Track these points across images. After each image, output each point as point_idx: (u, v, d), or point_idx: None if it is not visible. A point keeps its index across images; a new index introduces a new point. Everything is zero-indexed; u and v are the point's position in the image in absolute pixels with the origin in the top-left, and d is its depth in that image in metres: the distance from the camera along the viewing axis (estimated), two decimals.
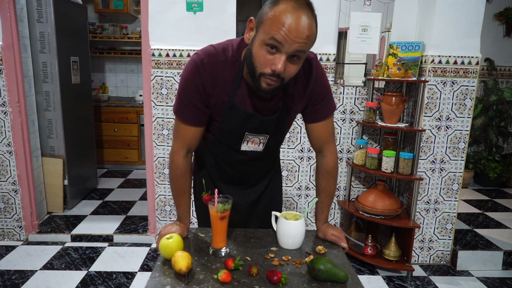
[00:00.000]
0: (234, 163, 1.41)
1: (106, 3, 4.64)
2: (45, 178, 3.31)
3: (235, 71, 1.20)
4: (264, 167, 1.50)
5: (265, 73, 1.07)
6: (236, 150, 1.35)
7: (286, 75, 1.08)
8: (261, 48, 1.05)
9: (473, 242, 2.90)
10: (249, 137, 1.31)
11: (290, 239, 1.32)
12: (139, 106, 4.64)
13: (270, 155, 1.45)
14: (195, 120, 1.27)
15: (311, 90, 1.29)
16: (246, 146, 1.34)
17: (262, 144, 1.35)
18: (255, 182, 1.52)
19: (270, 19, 1.03)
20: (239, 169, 1.43)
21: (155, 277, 1.13)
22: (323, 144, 1.40)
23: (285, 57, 1.04)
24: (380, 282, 2.58)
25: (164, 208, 2.96)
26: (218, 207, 1.22)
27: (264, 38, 1.04)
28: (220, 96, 1.22)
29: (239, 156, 1.37)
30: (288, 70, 1.07)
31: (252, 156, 1.38)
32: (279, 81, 1.08)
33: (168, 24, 2.68)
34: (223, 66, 1.20)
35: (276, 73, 1.05)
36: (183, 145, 1.32)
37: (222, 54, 1.20)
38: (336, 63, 2.73)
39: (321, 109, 1.34)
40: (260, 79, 1.09)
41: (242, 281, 1.11)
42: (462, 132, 2.64)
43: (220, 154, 1.40)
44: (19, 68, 2.84)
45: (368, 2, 2.63)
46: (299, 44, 1.02)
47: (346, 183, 2.89)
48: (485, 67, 4.45)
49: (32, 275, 2.54)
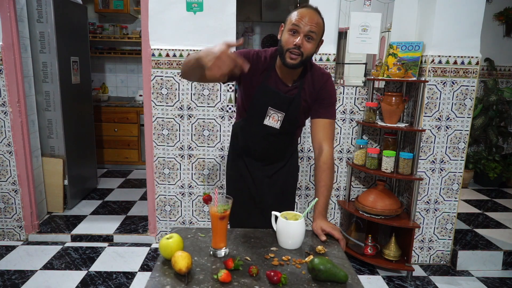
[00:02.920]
0: (258, 137, 1.73)
1: (106, 3, 4.64)
2: (45, 178, 3.31)
3: (270, 63, 1.64)
4: (281, 146, 1.78)
5: (289, 48, 1.49)
6: (260, 124, 1.69)
7: (304, 50, 1.49)
8: (286, 34, 1.51)
9: (473, 242, 2.91)
10: (271, 112, 1.66)
11: (290, 239, 1.32)
12: (139, 106, 4.64)
13: (285, 135, 1.74)
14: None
15: (321, 90, 1.66)
16: (268, 121, 1.68)
17: (279, 122, 1.67)
18: (274, 160, 1.81)
19: (291, 17, 1.51)
20: (260, 143, 1.74)
21: (155, 277, 1.13)
22: (323, 140, 1.65)
23: (302, 35, 1.47)
24: (380, 282, 2.58)
25: (164, 208, 2.97)
26: (218, 207, 1.23)
27: (288, 27, 1.50)
28: (257, 78, 1.63)
29: (261, 129, 1.69)
30: (305, 46, 1.49)
31: (271, 131, 1.69)
32: (300, 54, 1.48)
33: (168, 24, 2.68)
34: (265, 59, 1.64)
35: (297, 46, 1.47)
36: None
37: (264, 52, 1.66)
38: (336, 63, 2.73)
39: (327, 109, 1.67)
40: (286, 54, 1.50)
41: (242, 281, 1.11)
42: (462, 132, 2.64)
43: (248, 129, 1.74)
44: (19, 68, 2.84)
45: (368, 2, 2.63)
46: (311, 26, 1.47)
47: (346, 183, 2.90)
48: (485, 67, 4.45)
49: (32, 275, 2.54)
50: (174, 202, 2.95)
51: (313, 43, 1.50)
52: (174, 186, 2.92)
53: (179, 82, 2.75)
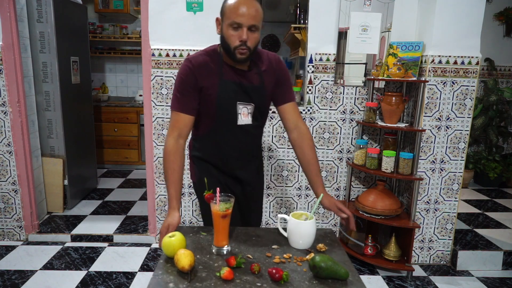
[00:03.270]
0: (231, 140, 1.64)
1: (106, 3, 4.65)
2: (45, 178, 3.31)
3: (216, 59, 1.56)
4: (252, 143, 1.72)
5: (236, 46, 1.45)
6: (234, 125, 1.60)
7: (251, 43, 1.45)
8: (228, 30, 1.45)
9: (473, 242, 2.91)
10: (240, 107, 1.58)
11: (301, 239, 1.33)
12: (139, 106, 4.64)
13: (256, 130, 1.70)
14: (186, 108, 1.54)
15: (277, 69, 1.64)
16: (241, 120, 1.60)
17: (250, 115, 1.62)
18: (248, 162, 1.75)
19: (229, 9, 1.44)
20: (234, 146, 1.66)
21: (158, 275, 1.13)
22: (296, 120, 1.68)
23: (246, 29, 1.43)
24: (380, 282, 2.58)
25: (164, 208, 2.96)
26: (220, 205, 1.23)
27: (228, 22, 1.43)
28: (210, 79, 1.54)
29: (235, 130, 1.61)
30: (251, 39, 1.45)
31: (246, 130, 1.63)
32: (247, 49, 1.45)
33: (168, 24, 2.68)
34: (205, 58, 1.56)
35: (244, 42, 1.43)
36: (173, 130, 1.55)
37: (202, 52, 1.58)
38: (336, 63, 2.73)
39: (288, 91, 1.67)
40: (235, 52, 1.46)
41: (244, 279, 1.11)
42: (462, 132, 2.64)
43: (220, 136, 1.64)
44: (19, 68, 2.84)
45: (368, 2, 2.63)
46: (253, 18, 1.42)
47: (346, 183, 2.90)
48: (485, 67, 4.46)
49: (32, 275, 2.53)
50: None
51: (257, 32, 1.47)
52: None
53: None
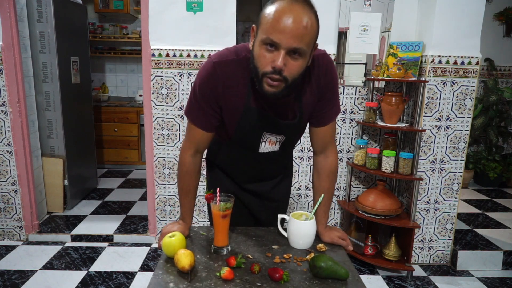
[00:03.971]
0: (250, 163, 1.42)
1: (106, 3, 4.65)
2: (45, 178, 3.31)
3: (247, 72, 1.17)
4: (278, 166, 1.52)
5: (266, 72, 1.06)
6: (254, 151, 1.34)
7: (289, 73, 1.05)
8: (261, 48, 1.06)
9: (473, 242, 2.91)
10: (267, 136, 1.30)
11: (302, 239, 1.32)
12: (139, 106, 4.64)
13: (285, 154, 1.47)
14: (205, 125, 1.28)
15: (323, 84, 1.26)
16: (264, 148, 1.33)
17: (278, 143, 1.35)
18: (267, 179, 1.54)
19: (266, 19, 1.04)
20: (253, 168, 1.45)
21: (158, 274, 1.13)
22: (326, 145, 1.41)
23: (284, 52, 1.02)
24: (380, 282, 2.58)
25: (164, 208, 2.96)
26: (220, 205, 1.23)
27: (262, 37, 1.04)
28: (234, 97, 1.21)
29: (254, 156, 1.37)
30: (290, 67, 1.05)
31: (268, 157, 1.38)
32: (282, 80, 1.06)
33: (168, 24, 2.68)
34: (235, 66, 1.18)
35: (277, 70, 1.03)
36: (191, 145, 1.34)
37: (234, 54, 1.19)
38: (336, 63, 2.73)
39: (329, 111, 1.34)
40: (262, 80, 1.08)
41: (244, 279, 1.11)
42: (462, 132, 2.64)
43: (235, 154, 1.41)
44: (19, 68, 2.84)
45: (368, 2, 2.63)
46: (295, 41, 1.01)
47: (346, 183, 2.90)
48: (485, 67, 4.46)
49: (32, 275, 2.53)
50: (174, 202, 2.95)
51: (301, 59, 1.06)
52: (174, 186, 2.92)
53: (179, 82, 2.75)
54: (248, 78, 1.19)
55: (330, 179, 1.42)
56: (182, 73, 2.73)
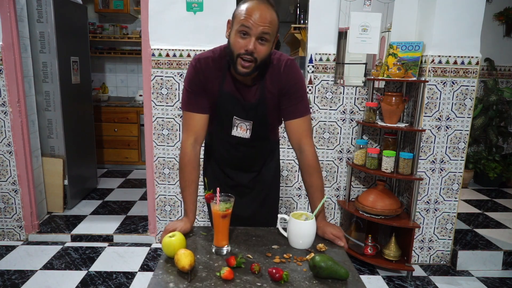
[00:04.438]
0: (228, 147, 1.62)
1: (106, 3, 4.65)
2: (45, 178, 3.31)
3: (222, 65, 1.46)
4: (257, 152, 1.66)
5: (240, 53, 1.32)
6: (228, 134, 1.56)
7: (258, 55, 1.32)
8: (236, 36, 1.32)
9: (473, 242, 2.91)
10: (237, 122, 1.52)
11: (301, 239, 1.33)
12: (139, 106, 4.64)
13: (259, 141, 1.61)
14: (198, 107, 1.49)
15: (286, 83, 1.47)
16: (236, 131, 1.55)
17: (248, 131, 1.55)
18: (251, 168, 1.70)
19: (239, 12, 1.32)
20: (232, 153, 1.63)
21: (158, 274, 1.13)
22: (301, 139, 1.51)
23: (254, 39, 1.30)
24: (380, 282, 2.58)
25: (164, 208, 2.96)
26: (220, 205, 1.23)
27: (237, 27, 1.31)
28: (213, 86, 1.48)
29: (231, 140, 1.58)
30: (259, 50, 1.31)
31: (241, 142, 1.57)
32: (253, 60, 1.32)
33: (168, 24, 2.68)
34: (213, 62, 1.47)
35: (249, 52, 1.30)
36: (190, 134, 1.51)
37: (211, 53, 1.49)
38: (336, 63, 2.73)
39: (297, 105, 1.49)
40: (237, 61, 1.33)
41: (244, 279, 1.11)
42: (462, 132, 2.64)
43: (218, 139, 1.64)
44: (19, 68, 2.84)
45: (368, 2, 2.63)
46: (263, 27, 1.29)
47: (346, 183, 2.90)
48: (485, 67, 4.46)
49: (32, 275, 2.53)
50: (174, 202, 2.95)
51: (267, 45, 1.33)
52: (174, 186, 2.92)
53: (179, 82, 2.75)
54: (222, 70, 1.46)
55: (309, 172, 1.50)
56: (182, 73, 2.73)
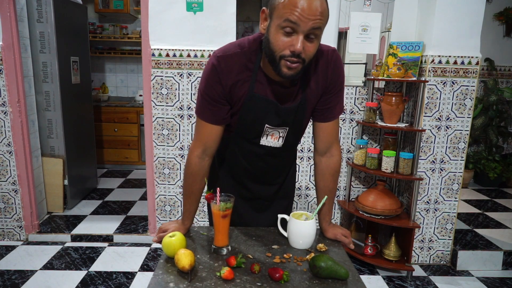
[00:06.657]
0: (252, 158, 1.40)
1: (106, 3, 4.65)
2: (45, 178, 3.31)
3: (252, 62, 1.22)
4: (282, 163, 1.49)
5: (284, 55, 1.09)
6: (255, 144, 1.35)
7: (306, 55, 1.09)
8: (278, 32, 1.08)
9: (473, 242, 2.91)
10: (269, 130, 1.31)
11: (301, 239, 1.32)
12: (139, 106, 4.64)
13: (288, 152, 1.46)
14: (214, 118, 1.28)
15: (330, 76, 1.28)
16: (266, 140, 1.34)
17: (281, 139, 1.35)
18: (271, 181, 1.51)
19: (282, 3, 1.06)
20: (256, 165, 1.43)
21: (158, 274, 1.13)
22: (332, 143, 1.40)
23: (302, 37, 1.06)
24: (380, 282, 2.58)
25: (164, 208, 2.96)
26: (220, 205, 1.23)
27: (279, 22, 1.06)
28: (240, 89, 1.24)
29: (257, 150, 1.37)
30: (307, 49, 1.09)
31: (270, 151, 1.38)
32: (301, 62, 1.10)
33: (168, 24, 2.68)
34: (238, 58, 1.21)
35: (296, 54, 1.07)
36: (199, 144, 1.33)
37: (237, 47, 1.23)
38: None
39: (334, 106, 1.34)
40: (280, 63, 1.11)
41: (244, 279, 1.11)
42: (462, 132, 2.64)
43: (239, 148, 1.40)
44: (19, 68, 2.83)
45: (368, 2, 2.63)
46: (313, 21, 1.04)
47: (346, 183, 2.90)
48: (485, 67, 4.46)
49: (32, 275, 2.53)
50: (174, 202, 2.95)
51: (316, 41, 1.10)
52: (174, 186, 2.92)
53: (179, 82, 2.75)
54: (252, 68, 1.22)
55: (334, 178, 1.42)
56: (182, 73, 2.73)
